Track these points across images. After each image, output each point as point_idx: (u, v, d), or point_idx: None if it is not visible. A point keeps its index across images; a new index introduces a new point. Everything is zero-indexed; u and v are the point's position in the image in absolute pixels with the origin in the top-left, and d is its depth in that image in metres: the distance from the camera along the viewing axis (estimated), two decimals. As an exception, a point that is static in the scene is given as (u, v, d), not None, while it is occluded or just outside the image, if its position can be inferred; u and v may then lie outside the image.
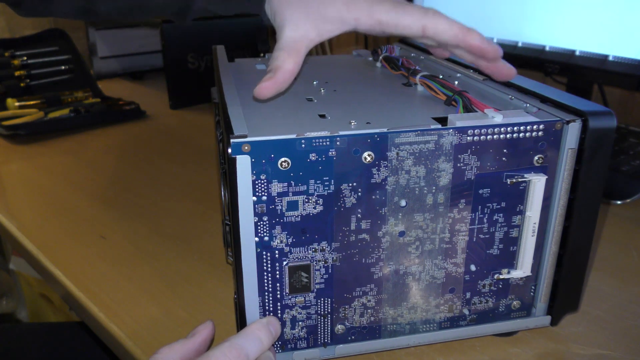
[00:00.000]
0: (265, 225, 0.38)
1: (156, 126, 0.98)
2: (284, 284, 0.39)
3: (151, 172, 0.78)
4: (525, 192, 0.41)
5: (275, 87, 0.40)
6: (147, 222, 0.64)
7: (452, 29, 0.40)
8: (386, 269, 0.41)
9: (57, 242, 0.61)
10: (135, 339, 0.46)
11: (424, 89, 0.48)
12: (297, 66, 0.41)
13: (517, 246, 0.42)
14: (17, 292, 1.27)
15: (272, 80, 0.40)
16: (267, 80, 0.40)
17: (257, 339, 0.38)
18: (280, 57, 0.41)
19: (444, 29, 0.40)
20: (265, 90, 0.40)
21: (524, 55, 0.80)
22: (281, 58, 0.41)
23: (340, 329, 0.42)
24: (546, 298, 0.44)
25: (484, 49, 0.40)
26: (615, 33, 0.70)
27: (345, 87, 0.50)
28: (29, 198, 0.72)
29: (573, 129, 0.39)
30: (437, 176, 0.39)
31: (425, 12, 0.40)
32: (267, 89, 0.40)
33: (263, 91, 0.40)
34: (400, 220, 0.39)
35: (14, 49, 1.05)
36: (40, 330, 0.81)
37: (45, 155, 0.85)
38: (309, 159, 0.36)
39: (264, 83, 0.40)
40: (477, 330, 0.44)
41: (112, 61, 1.25)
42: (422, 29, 0.41)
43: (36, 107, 0.99)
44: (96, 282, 0.53)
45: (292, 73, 0.41)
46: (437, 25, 0.40)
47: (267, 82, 0.40)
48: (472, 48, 0.40)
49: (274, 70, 0.41)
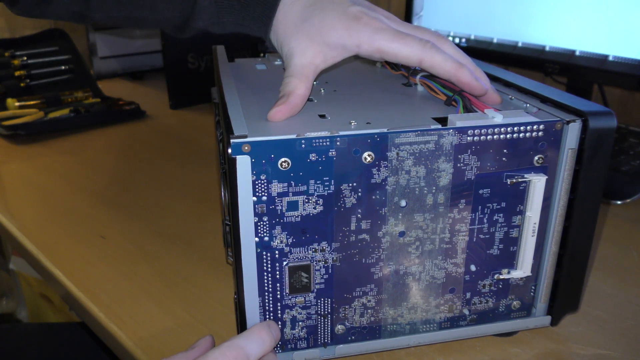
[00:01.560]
0: (265, 226, 0.38)
1: (156, 126, 0.98)
2: (284, 284, 0.39)
3: (151, 172, 0.78)
4: (525, 192, 0.41)
5: (288, 110, 0.41)
6: (147, 222, 0.64)
7: (446, 65, 0.43)
8: (386, 269, 0.41)
9: (57, 242, 0.61)
10: (135, 339, 0.46)
11: (424, 89, 0.48)
12: (308, 91, 0.43)
13: (517, 246, 0.42)
14: (17, 292, 1.27)
15: (286, 104, 0.41)
16: (280, 105, 0.41)
17: (258, 339, 0.38)
18: (292, 82, 0.43)
19: (439, 63, 0.43)
20: (280, 114, 0.41)
21: (524, 55, 0.80)
22: (292, 84, 0.43)
23: (340, 329, 0.42)
24: (546, 298, 0.44)
25: (472, 85, 0.43)
26: (615, 33, 0.70)
27: (345, 87, 0.50)
28: (29, 198, 0.72)
29: (573, 129, 0.39)
30: (437, 176, 0.39)
31: (424, 45, 0.43)
32: (281, 112, 0.41)
33: (277, 115, 0.41)
34: (400, 221, 0.39)
35: (14, 49, 1.05)
36: (40, 330, 0.81)
37: (45, 155, 0.85)
38: (309, 159, 0.36)
39: (277, 107, 0.41)
40: (477, 330, 0.44)
41: (112, 61, 1.25)
42: (420, 61, 0.43)
43: (36, 107, 0.99)
44: (96, 282, 0.53)
45: (303, 97, 0.43)
46: (433, 59, 0.43)
47: (281, 107, 0.41)
48: (462, 84, 0.43)
49: (286, 95, 0.42)
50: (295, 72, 0.44)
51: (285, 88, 0.43)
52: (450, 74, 0.43)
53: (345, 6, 0.44)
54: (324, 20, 0.44)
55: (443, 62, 0.43)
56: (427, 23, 0.91)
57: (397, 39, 0.43)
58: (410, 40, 0.43)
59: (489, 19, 0.83)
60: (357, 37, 0.43)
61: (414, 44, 0.43)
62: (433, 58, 0.42)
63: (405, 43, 0.43)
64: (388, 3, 1.16)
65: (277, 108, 0.41)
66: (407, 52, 0.43)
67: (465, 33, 0.87)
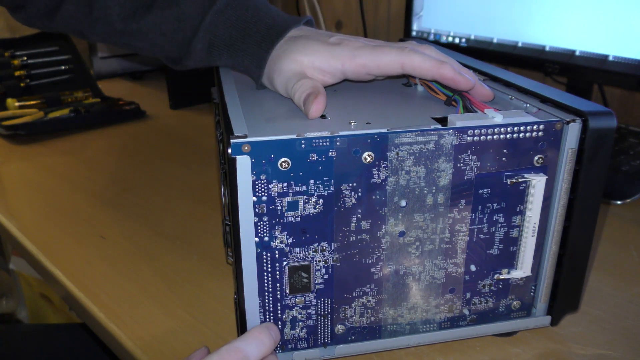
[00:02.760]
0: (265, 226, 0.38)
1: (156, 126, 0.98)
2: (284, 284, 0.39)
3: (151, 172, 0.78)
4: (525, 192, 0.41)
5: (324, 99, 0.42)
6: (147, 222, 0.64)
7: (426, 63, 0.43)
8: (386, 269, 0.41)
9: (57, 242, 0.61)
10: (135, 340, 0.46)
11: (424, 89, 0.48)
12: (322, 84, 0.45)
13: (517, 246, 0.42)
14: (17, 292, 1.27)
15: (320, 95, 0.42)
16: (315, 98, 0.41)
17: (258, 341, 0.37)
18: (306, 82, 0.44)
19: (419, 64, 0.43)
20: (320, 104, 0.41)
21: (524, 55, 0.80)
22: (307, 82, 0.44)
23: (340, 329, 0.42)
24: (546, 298, 0.44)
25: (457, 80, 0.43)
26: (615, 33, 0.70)
27: (345, 87, 0.50)
28: (29, 198, 0.72)
29: (573, 129, 0.39)
30: (437, 176, 0.39)
31: (401, 50, 0.44)
32: (320, 102, 0.41)
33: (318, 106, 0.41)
34: (400, 221, 0.39)
35: (14, 49, 1.05)
36: (40, 331, 0.81)
37: (45, 155, 0.85)
38: (309, 159, 0.36)
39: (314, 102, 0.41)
40: (477, 330, 0.44)
41: (112, 61, 1.25)
42: (401, 66, 0.44)
43: (36, 107, 0.99)
44: (96, 282, 0.53)
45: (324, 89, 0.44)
46: (413, 61, 0.44)
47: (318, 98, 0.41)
48: (446, 80, 0.43)
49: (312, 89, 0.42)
50: (299, 73, 0.45)
51: (303, 87, 0.43)
52: (432, 71, 0.43)
53: (325, 37, 0.47)
54: (306, 46, 0.46)
55: (423, 62, 0.43)
56: (427, 23, 0.91)
57: (376, 50, 0.44)
58: (388, 49, 0.44)
59: (489, 19, 0.83)
60: (341, 57, 0.45)
61: (391, 51, 0.44)
62: (412, 60, 0.44)
63: (384, 52, 0.44)
64: (388, 3, 1.16)
65: (315, 102, 0.41)
66: (387, 60, 0.44)
67: (465, 33, 0.87)
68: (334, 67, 0.45)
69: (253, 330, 0.39)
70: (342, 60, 0.45)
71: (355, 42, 0.46)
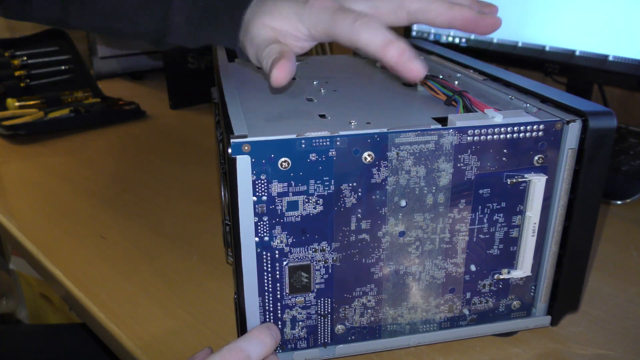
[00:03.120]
0: (265, 226, 0.38)
1: (156, 126, 0.98)
2: (284, 284, 0.39)
3: (151, 172, 0.78)
4: (525, 192, 0.41)
5: (290, 65, 0.38)
6: (147, 222, 0.64)
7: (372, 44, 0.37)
8: (386, 269, 0.41)
9: (57, 242, 0.61)
10: (135, 340, 0.46)
11: (424, 89, 0.48)
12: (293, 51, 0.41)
13: (517, 246, 0.42)
14: (17, 292, 1.27)
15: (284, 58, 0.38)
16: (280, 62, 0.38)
17: (259, 341, 0.37)
18: (274, 46, 0.41)
19: (365, 43, 0.38)
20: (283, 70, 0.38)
21: (524, 55, 0.80)
22: (276, 46, 0.41)
23: (340, 329, 0.42)
24: (546, 298, 0.44)
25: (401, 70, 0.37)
26: (615, 33, 0.70)
27: (345, 87, 0.50)
28: (29, 198, 0.72)
29: (573, 129, 0.39)
30: (437, 176, 0.39)
31: (352, 23, 0.38)
32: (284, 67, 0.38)
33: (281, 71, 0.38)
34: (400, 221, 0.39)
35: (14, 49, 1.05)
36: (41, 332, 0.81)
37: (45, 155, 0.85)
38: (309, 159, 0.36)
39: (277, 65, 0.38)
40: (477, 330, 0.44)
41: (112, 61, 1.25)
42: (350, 42, 0.39)
43: (36, 107, 0.99)
44: (96, 282, 0.53)
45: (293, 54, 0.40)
46: (359, 38, 0.38)
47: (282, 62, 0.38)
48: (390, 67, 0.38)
49: (279, 53, 0.39)
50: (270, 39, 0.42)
51: (270, 53, 0.40)
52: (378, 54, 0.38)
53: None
54: (275, 8, 0.42)
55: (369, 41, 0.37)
56: (427, 23, 0.91)
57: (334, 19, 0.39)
58: (342, 18, 0.39)
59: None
60: (305, 22, 0.41)
61: (345, 23, 0.39)
62: (359, 37, 0.38)
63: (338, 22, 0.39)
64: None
65: (277, 66, 0.38)
66: (339, 31, 0.39)
67: (466, 33, 0.87)
68: (302, 33, 0.42)
69: (254, 330, 0.38)
70: (308, 26, 0.41)
71: (323, 1, 0.41)
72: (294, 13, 0.42)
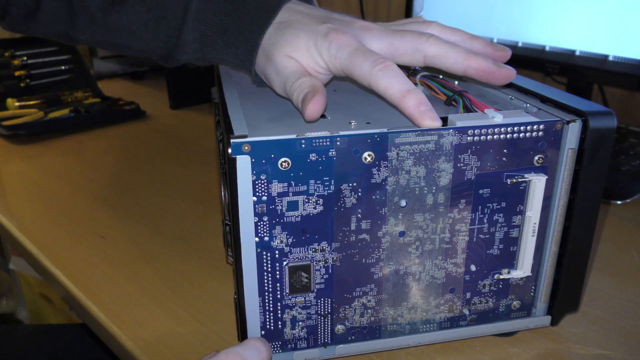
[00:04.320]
0: (265, 226, 0.38)
1: (156, 126, 0.98)
2: (284, 284, 0.39)
3: (151, 172, 0.78)
4: (525, 192, 0.41)
5: (323, 99, 0.39)
6: (147, 222, 0.64)
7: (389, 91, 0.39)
8: (386, 269, 0.41)
9: (57, 242, 0.61)
10: (136, 340, 0.46)
11: (424, 89, 0.48)
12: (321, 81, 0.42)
13: (517, 246, 0.42)
14: (17, 292, 1.27)
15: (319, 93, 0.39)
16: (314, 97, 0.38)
17: (255, 348, 0.38)
18: (305, 80, 0.41)
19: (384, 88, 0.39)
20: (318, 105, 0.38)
21: (524, 55, 0.80)
22: (307, 80, 0.40)
23: (340, 329, 0.42)
24: (546, 298, 0.44)
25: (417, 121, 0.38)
26: (615, 33, 0.70)
27: (345, 87, 0.50)
28: (29, 198, 0.72)
29: (573, 129, 0.39)
30: (437, 176, 0.39)
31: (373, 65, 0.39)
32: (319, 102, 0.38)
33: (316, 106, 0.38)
34: (400, 221, 0.39)
35: (14, 49, 1.05)
36: (41, 331, 0.81)
37: (45, 155, 0.85)
38: (309, 159, 0.36)
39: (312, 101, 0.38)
40: (477, 330, 0.44)
41: (112, 61, 1.25)
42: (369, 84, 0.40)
43: (36, 107, 0.99)
44: (96, 282, 0.53)
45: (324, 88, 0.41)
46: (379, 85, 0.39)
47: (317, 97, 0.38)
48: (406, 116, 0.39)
49: (311, 87, 0.40)
50: (299, 71, 0.42)
51: (302, 87, 0.40)
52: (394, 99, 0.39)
53: (315, 23, 0.42)
54: (295, 40, 0.42)
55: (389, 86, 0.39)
56: (427, 23, 0.91)
57: (353, 59, 0.40)
58: (362, 59, 0.40)
59: (489, 19, 0.83)
60: (323, 56, 0.42)
61: (364, 63, 0.39)
62: (378, 82, 0.39)
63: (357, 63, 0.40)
64: (388, 3, 1.16)
65: (312, 102, 0.38)
66: (358, 72, 0.40)
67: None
68: (321, 67, 0.42)
69: (250, 339, 0.39)
70: (326, 60, 0.42)
71: (343, 36, 0.41)
72: (314, 46, 0.42)
